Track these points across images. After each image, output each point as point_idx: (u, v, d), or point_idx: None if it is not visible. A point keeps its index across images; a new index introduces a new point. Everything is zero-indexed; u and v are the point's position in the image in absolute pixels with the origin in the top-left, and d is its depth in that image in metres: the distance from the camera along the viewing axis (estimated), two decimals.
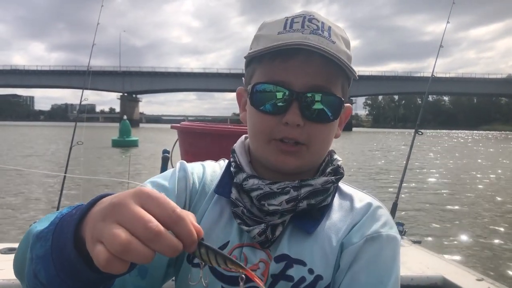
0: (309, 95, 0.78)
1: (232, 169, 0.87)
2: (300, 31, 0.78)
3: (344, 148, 27.95)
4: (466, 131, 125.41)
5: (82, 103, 3.23)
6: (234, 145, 0.93)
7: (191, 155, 2.09)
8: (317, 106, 0.79)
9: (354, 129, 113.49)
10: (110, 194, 0.54)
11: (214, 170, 0.94)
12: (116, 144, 24.25)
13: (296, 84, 0.78)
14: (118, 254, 0.46)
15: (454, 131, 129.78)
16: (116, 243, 0.46)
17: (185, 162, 0.94)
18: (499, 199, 10.06)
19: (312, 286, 0.78)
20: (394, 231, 0.83)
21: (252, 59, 0.84)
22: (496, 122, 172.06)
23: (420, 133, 2.98)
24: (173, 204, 0.49)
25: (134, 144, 24.27)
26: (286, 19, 0.80)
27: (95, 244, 0.48)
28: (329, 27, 0.80)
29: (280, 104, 0.79)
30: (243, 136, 0.94)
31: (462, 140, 50.97)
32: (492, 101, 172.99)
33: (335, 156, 0.91)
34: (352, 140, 42.50)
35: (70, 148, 3.24)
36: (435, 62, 3.29)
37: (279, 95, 0.79)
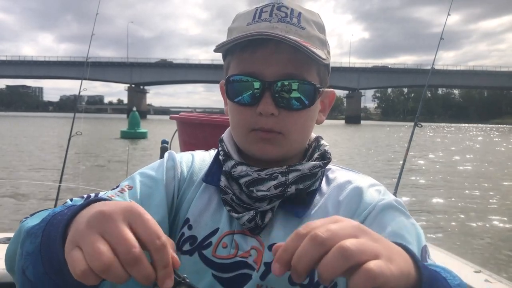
0: (280, 83, 0.78)
1: (220, 157, 0.88)
2: (268, 20, 0.78)
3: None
4: (476, 125, 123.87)
5: (81, 93, 3.29)
6: (222, 134, 0.94)
7: (189, 146, 2.07)
8: (290, 94, 0.79)
9: (362, 122, 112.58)
10: (104, 199, 0.53)
11: (204, 159, 0.95)
12: (125, 135, 24.22)
13: (267, 74, 0.78)
14: (97, 271, 0.45)
15: (462, 124, 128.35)
16: (98, 261, 0.45)
17: (173, 152, 0.95)
18: (499, 191, 9.94)
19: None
20: (387, 197, 0.82)
21: (227, 53, 0.86)
22: (507, 115, 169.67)
23: (420, 125, 2.99)
24: (159, 230, 0.49)
25: (143, 136, 24.19)
26: (256, 9, 0.81)
27: (74, 248, 0.47)
28: (299, 13, 0.80)
29: (252, 94, 0.79)
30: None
31: (459, 133, 50.39)
32: (503, 95, 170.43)
33: (322, 142, 0.91)
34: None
35: (69, 139, 3.26)
36: (435, 54, 3.32)
37: (251, 85, 0.79)
